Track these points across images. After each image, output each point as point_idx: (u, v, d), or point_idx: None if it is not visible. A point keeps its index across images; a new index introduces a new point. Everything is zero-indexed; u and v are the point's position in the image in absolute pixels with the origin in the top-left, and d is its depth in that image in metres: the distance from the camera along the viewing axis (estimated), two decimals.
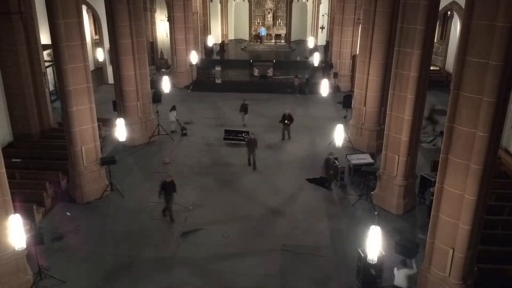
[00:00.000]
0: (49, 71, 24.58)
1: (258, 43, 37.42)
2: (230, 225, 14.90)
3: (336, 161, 16.98)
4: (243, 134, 20.62)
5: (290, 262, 13.11)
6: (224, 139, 20.97)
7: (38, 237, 11.84)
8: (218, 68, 32.09)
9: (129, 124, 19.09)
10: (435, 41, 17.68)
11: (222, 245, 13.91)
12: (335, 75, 28.35)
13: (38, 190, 15.38)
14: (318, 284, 12.33)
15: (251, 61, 32.06)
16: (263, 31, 36.63)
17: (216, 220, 15.16)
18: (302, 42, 39.13)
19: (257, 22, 37.36)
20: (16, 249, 10.77)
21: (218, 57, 35.20)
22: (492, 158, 9.58)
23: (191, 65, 28.80)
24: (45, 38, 21.39)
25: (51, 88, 24.93)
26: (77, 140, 15.32)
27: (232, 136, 20.88)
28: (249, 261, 13.16)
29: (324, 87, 21.48)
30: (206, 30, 35.94)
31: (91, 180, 16.00)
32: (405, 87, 14.18)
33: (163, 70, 31.53)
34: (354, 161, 17.50)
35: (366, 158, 17.85)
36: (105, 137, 20.87)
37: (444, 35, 31.97)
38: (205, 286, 12.32)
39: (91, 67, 24.63)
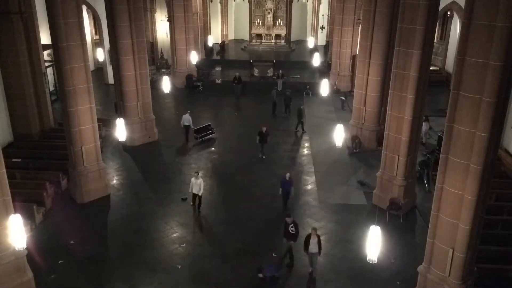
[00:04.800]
0: (49, 71, 24.60)
1: (258, 43, 37.40)
2: (231, 225, 14.95)
3: None
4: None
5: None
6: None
7: None
8: (218, 68, 32.10)
9: (129, 124, 19.09)
10: (435, 41, 17.68)
11: (220, 245, 13.94)
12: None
13: (38, 190, 15.40)
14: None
15: (251, 61, 32.03)
16: None
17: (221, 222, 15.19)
18: (302, 42, 39.10)
19: (257, 22, 37.35)
20: (16, 249, 10.75)
21: (218, 57, 35.20)
22: (492, 158, 9.58)
23: (191, 65, 28.74)
24: (45, 38, 21.40)
25: (51, 88, 24.94)
26: (77, 140, 15.32)
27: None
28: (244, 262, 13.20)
29: (324, 88, 21.41)
30: (206, 30, 35.90)
31: (91, 180, 15.99)
32: (405, 87, 14.18)
33: (163, 70, 31.52)
34: None
35: None
36: (105, 137, 20.86)
37: (444, 35, 31.96)
38: (203, 280, 12.33)
39: (91, 67, 24.62)
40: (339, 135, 15.45)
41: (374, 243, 9.80)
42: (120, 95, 20.12)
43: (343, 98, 25.81)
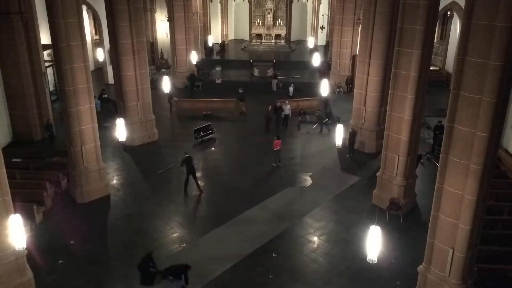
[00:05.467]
0: (49, 71, 24.60)
1: (258, 43, 37.44)
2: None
3: None
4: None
5: None
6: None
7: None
8: (218, 68, 32.12)
9: (129, 124, 19.08)
10: (435, 41, 17.66)
11: (220, 245, 13.94)
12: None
13: (38, 190, 15.39)
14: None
15: (251, 61, 32.03)
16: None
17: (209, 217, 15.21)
18: (302, 42, 39.12)
19: (257, 22, 37.39)
20: (16, 249, 10.76)
21: (218, 57, 35.23)
22: (492, 158, 9.58)
23: (191, 65, 28.79)
24: (45, 38, 21.41)
25: (51, 88, 24.95)
26: (77, 140, 15.32)
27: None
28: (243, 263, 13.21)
29: (324, 87, 21.43)
30: (206, 30, 35.95)
31: (91, 180, 15.99)
32: (405, 87, 14.17)
33: (163, 70, 31.53)
34: None
35: None
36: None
37: (444, 35, 31.97)
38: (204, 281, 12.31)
39: (91, 67, 24.63)
40: (339, 135, 15.49)
41: (374, 243, 9.80)
42: (120, 95, 20.12)
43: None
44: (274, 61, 32.10)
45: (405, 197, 15.26)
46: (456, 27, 29.66)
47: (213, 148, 20.78)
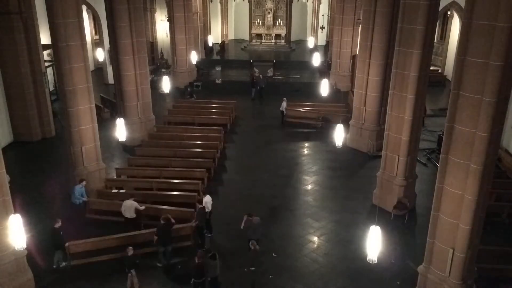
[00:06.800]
0: (49, 71, 24.60)
1: (258, 43, 37.44)
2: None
3: None
4: None
5: None
6: None
7: None
8: (218, 68, 32.13)
9: (129, 124, 19.05)
10: (435, 41, 17.67)
11: (219, 244, 13.92)
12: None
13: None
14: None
15: (251, 61, 32.03)
16: None
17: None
18: (302, 42, 39.10)
19: (257, 22, 37.39)
20: (16, 249, 10.75)
21: (218, 57, 35.23)
22: (492, 158, 9.59)
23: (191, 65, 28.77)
24: (45, 38, 21.42)
25: (51, 88, 24.95)
26: (77, 140, 15.31)
27: None
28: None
29: (324, 87, 21.39)
30: (206, 30, 35.95)
31: (91, 180, 15.96)
32: (405, 87, 14.18)
33: (163, 70, 31.54)
34: None
35: None
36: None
37: (444, 35, 31.97)
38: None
39: (91, 67, 24.63)
40: (339, 135, 15.44)
41: (374, 243, 9.80)
42: (120, 95, 20.12)
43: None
44: (274, 61, 32.09)
45: (405, 197, 15.26)
46: (456, 27, 29.65)
47: None
